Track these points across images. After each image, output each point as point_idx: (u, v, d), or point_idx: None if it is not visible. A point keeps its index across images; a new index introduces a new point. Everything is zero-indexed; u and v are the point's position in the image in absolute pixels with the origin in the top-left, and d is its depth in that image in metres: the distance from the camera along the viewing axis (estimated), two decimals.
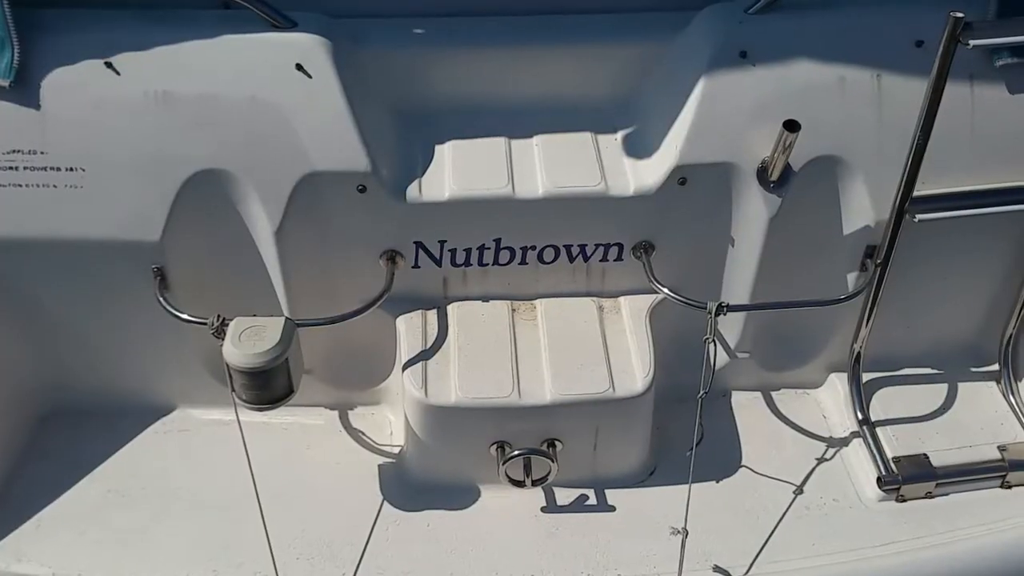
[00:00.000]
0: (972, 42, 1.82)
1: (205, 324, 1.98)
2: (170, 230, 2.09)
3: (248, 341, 1.91)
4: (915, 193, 2.06)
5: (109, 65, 2.01)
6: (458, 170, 2.16)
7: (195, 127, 2.03)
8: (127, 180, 2.05)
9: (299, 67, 2.03)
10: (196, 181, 2.06)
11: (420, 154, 2.21)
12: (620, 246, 2.25)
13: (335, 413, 2.42)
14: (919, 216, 2.08)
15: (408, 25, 2.24)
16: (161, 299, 2.12)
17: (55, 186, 2.05)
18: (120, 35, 2.04)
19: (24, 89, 2.01)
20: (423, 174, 2.17)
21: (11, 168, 2.04)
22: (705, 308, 2.06)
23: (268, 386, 1.95)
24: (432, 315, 2.28)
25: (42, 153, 2.03)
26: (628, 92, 2.28)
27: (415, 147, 2.22)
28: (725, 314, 2.07)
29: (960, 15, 1.81)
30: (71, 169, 2.04)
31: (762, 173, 2.13)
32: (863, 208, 2.16)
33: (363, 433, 2.37)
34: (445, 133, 2.25)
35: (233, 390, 1.97)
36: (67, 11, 2.08)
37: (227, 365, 1.92)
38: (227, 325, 1.96)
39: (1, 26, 1.96)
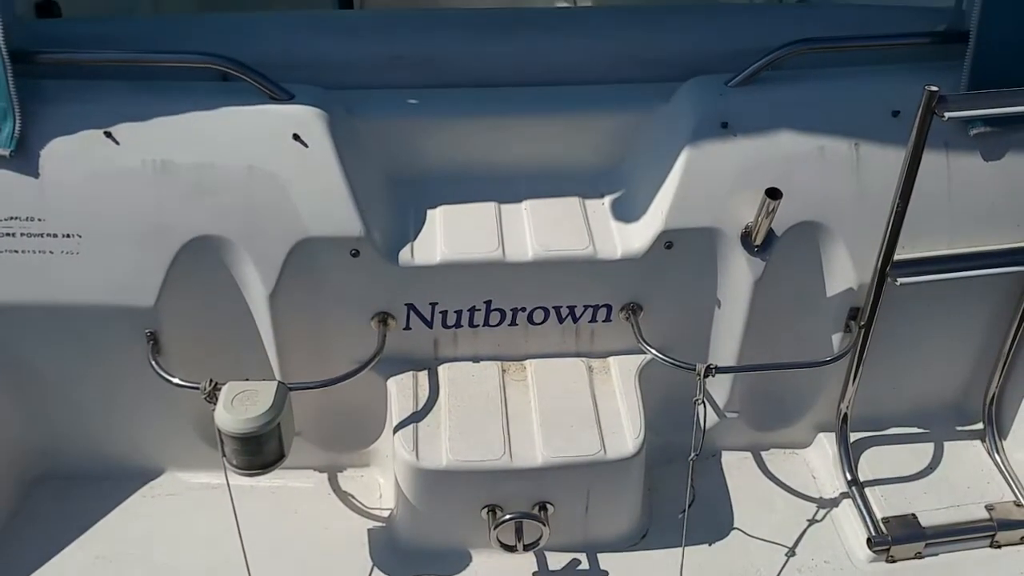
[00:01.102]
0: (948, 115, 1.89)
1: (197, 388, 1.99)
2: (164, 295, 2.11)
3: (240, 406, 1.92)
4: (896, 257, 2.12)
5: (109, 135, 2.05)
6: (449, 234, 2.20)
7: (192, 195, 2.06)
8: (123, 246, 2.08)
9: (296, 137, 2.08)
10: (192, 247, 2.09)
11: (412, 219, 2.25)
12: (609, 307, 2.28)
13: (324, 476, 2.41)
14: (900, 280, 2.13)
15: (401, 96, 2.30)
16: (153, 363, 2.13)
17: (51, 252, 2.07)
18: (120, 106, 2.08)
19: (24, 158, 2.04)
20: (415, 238, 2.20)
21: (8, 235, 2.06)
22: (694, 370, 2.09)
23: (260, 451, 1.95)
24: (423, 376, 2.29)
25: (40, 220, 2.06)
26: (614, 159, 2.34)
27: (408, 212, 2.26)
28: (714, 375, 2.10)
29: (935, 89, 1.88)
30: (68, 235, 2.07)
31: (746, 238, 2.18)
32: (845, 271, 2.21)
33: (352, 496, 2.37)
34: (437, 198, 2.30)
35: (224, 455, 1.97)
36: (69, 82, 2.13)
37: (219, 430, 1.93)
38: (219, 390, 1.97)
39: (4, 97, 2.00)
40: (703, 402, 2.09)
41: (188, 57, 2.12)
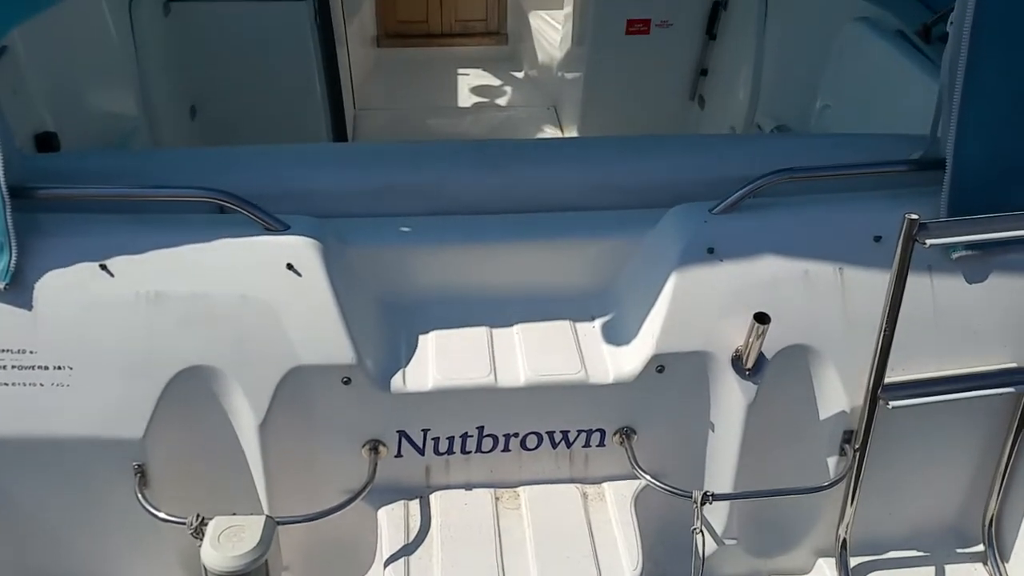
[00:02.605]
0: (929, 242, 1.94)
1: (183, 524, 1.95)
2: (153, 427, 2.08)
3: (227, 543, 1.88)
4: (886, 380, 2.13)
5: (104, 268, 2.07)
6: (441, 360, 2.21)
7: (184, 325, 2.07)
8: (114, 378, 2.06)
9: (290, 266, 2.10)
10: (182, 378, 2.08)
11: (404, 344, 2.26)
12: (602, 432, 2.27)
13: None
14: (892, 403, 2.14)
15: (393, 224, 2.34)
16: (140, 497, 2.09)
17: (42, 384, 2.06)
18: (116, 239, 2.11)
19: (18, 291, 2.05)
20: (407, 364, 2.20)
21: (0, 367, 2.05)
22: (690, 497, 2.07)
23: None
24: (414, 505, 2.25)
25: (31, 352, 2.05)
26: (604, 283, 2.37)
27: (399, 338, 2.27)
28: (711, 503, 2.07)
29: (915, 217, 1.93)
30: (59, 368, 2.06)
31: (737, 361, 2.19)
32: (837, 394, 2.22)
33: None
34: (429, 323, 2.31)
35: None
36: (66, 216, 2.16)
37: (204, 568, 1.88)
38: (206, 525, 1.93)
39: (1, 232, 2.03)
40: (701, 531, 2.05)
41: (184, 192, 2.16)
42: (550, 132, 5.52)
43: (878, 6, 3.43)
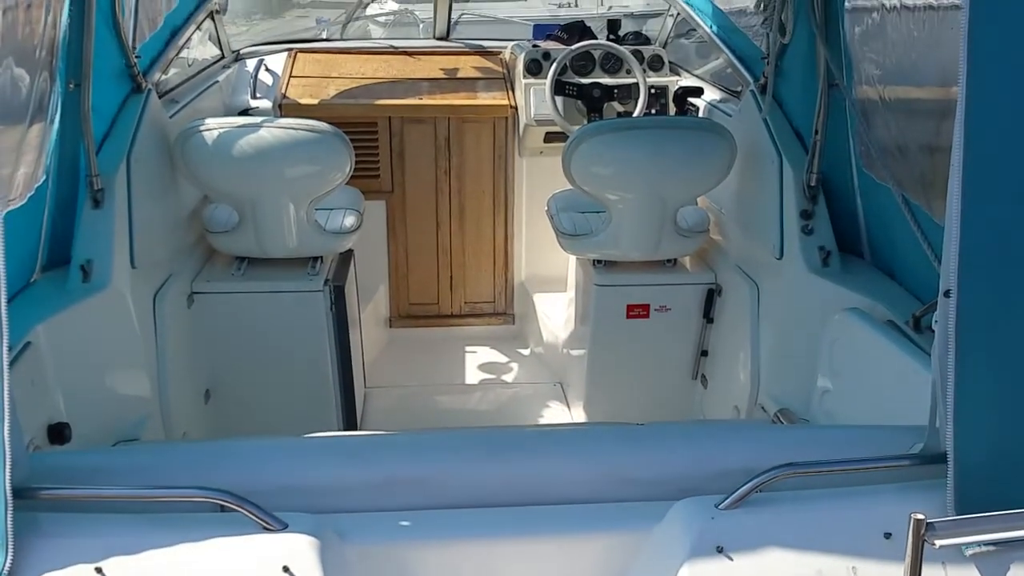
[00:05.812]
0: (938, 543, 1.89)
1: None
2: None
3: None
4: None
5: (99, 571, 2.02)
6: None
7: None
8: None
9: (286, 569, 2.05)
10: None
11: None
12: None
13: None
14: None
15: (394, 519, 2.32)
16: None
17: None
18: (114, 540, 2.08)
19: None
20: None
21: None
22: None
23: None
24: None
25: None
26: None
27: None
28: None
29: (921, 518, 1.90)
30: None
31: None
32: None
33: None
34: None
35: None
36: (66, 515, 2.15)
37: None
38: None
39: (1, 533, 2.01)
40: None
41: (183, 492, 2.17)
42: (556, 408, 5.59)
43: (867, 297, 3.60)
